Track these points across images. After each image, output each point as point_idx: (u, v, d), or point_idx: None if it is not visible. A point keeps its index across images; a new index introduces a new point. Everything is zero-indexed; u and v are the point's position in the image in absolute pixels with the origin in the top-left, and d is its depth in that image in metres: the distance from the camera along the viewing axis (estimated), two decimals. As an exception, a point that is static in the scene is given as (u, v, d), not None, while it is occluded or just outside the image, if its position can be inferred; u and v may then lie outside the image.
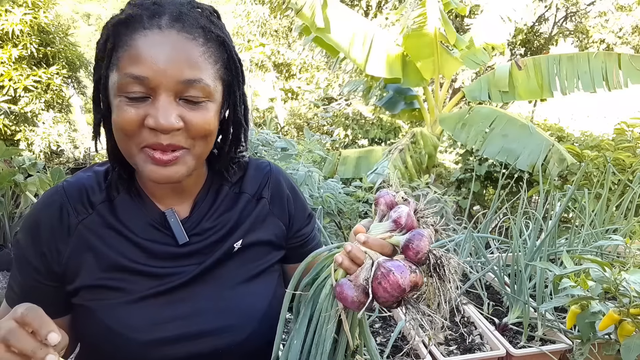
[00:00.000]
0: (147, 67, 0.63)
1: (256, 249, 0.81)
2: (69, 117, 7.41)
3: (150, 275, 0.73)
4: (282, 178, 0.88)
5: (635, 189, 2.17)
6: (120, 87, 0.64)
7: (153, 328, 0.72)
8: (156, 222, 0.76)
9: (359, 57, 4.76)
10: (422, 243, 0.61)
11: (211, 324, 0.74)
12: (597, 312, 1.25)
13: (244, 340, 0.76)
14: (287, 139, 2.59)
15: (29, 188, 4.21)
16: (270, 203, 0.85)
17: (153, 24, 0.65)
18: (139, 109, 0.65)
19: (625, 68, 4.16)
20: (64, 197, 0.73)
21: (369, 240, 0.64)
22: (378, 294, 0.59)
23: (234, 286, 0.77)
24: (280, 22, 10.51)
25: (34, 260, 0.72)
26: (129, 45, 0.64)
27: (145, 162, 0.67)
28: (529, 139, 3.94)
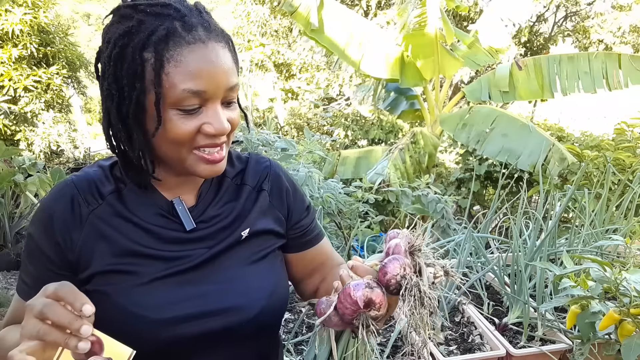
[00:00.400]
0: (204, 82, 0.68)
1: (262, 237, 0.85)
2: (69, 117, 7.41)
3: (161, 258, 0.77)
4: (281, 172, 0.93)
5: (635, 189, 2.17)
6: (177, 102, 0.68)
7: (166, 307, 0.75)
8: (164, 210, 0.79)
9: (354, 57, 4.77)
10: (392, 266, 0.66)
11: (222, 303, 0.78)
12: (597, 312, 1.25)
13: (254, 318, 0.79)
14: (287, 139, 2.59)
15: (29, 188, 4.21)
16: (270, 195, 0.89)
17: (195, 37, 0.68)
18: (194, 119, 0.70)
19: (626, 68, 4.16)
20: (74, 189, 0.77)
21: (354, 265, 0.73)
22: (338, 307, 0.67)
23: (241, 268, 0.82)
24: (281, 22, 10.51)
25: (48, 250, 0.74)
26: (178, 61, 0.67)
27: (198, 162, 0.73)
28: (529, 139, 3.94)
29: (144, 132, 0.71)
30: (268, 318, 0.82)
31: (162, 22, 0.68)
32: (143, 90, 0.69)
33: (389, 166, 4.04)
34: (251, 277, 0.82)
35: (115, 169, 0.80)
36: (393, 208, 4.25)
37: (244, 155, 0.91)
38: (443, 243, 2.06)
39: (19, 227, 4.23)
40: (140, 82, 0.68)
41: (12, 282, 3.98)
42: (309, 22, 4.51)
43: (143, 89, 0.69)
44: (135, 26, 0.68)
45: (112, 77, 0.70)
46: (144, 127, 0.71)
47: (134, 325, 0.73)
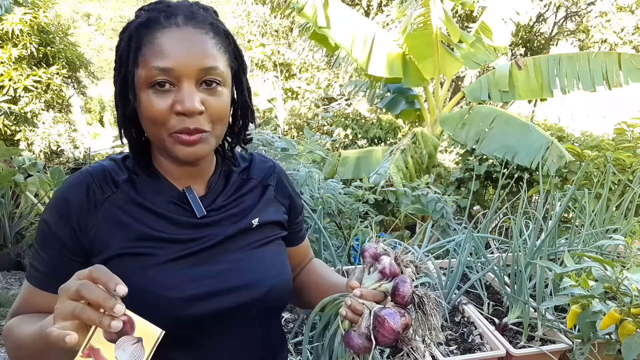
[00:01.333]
0: (171, 60, 0.73)
1: (269, 227, 0.91)
2: (69, 117, 7.41)
3: (175, 241, 0.80)
4: (282, 173, 1.00)
5: (635, 189, 2.17)
6: (147, 80, 0.73)
7: (183, 286, 0.78)
8: (175, 199, 0.84)
9: (360, 58, 4.77)
10: (406, 288, 0.75)
11: (235, 281, 0.82)
12: (597, 312, 1.25)
13: (265, 295, 0.84)
14: (288, 139, 2.59)
15: (29, 188, 4.21)
16: (275, 190, 0.96)
17: (170, 22, 0.75)
18: (167, 98, 0.74)
19: (626, 67, 4.16)
20: (90, 178, 0.80)
21: (363, 292, 0.77)
22: (378, 339, 0.73)
23: (251, 249, 0.87)
24: (281, 22, 10.51)
25: (62, 235, 0.77)
26: (151, 42, 0.74)
27: (174, 144, 0.77)
28: (528, 136, 3.94)
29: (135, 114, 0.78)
30: (276, 296, 0.87)
31: (150, 13, 0.76)
32: (126, 73, 0.76)
33: (391, 168, 4.04)
34: (261, 257, 0.88)
35: (128, 161, 0.85)
36: (393, 208, 4.25)
37: (247, 154, 0.97)
38: (443, 243, 2.06)
39: (19, 227, 4.23)
40: (125, 66, 0.76)
41: (12, 282, 3.98)
42: (315, 20, 4.51)
43: (126, 72, 0.76)
44: (132, 20, 0.78)
45: (117, 68, 0.78)
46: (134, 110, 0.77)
47: (150, 304, 0.75)
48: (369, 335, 0.73)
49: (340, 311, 0.78)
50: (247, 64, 0.88)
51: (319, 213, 1.86)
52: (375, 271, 0.80)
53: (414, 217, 3.43)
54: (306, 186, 2.23)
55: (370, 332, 0.73)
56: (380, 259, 0.80)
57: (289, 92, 10.72)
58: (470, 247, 1.85)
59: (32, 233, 4.12)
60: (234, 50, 0.83)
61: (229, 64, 0.81)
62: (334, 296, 0.86)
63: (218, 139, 0.81)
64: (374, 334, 0.72)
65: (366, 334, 0.73)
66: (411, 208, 2.74)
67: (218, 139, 0.81)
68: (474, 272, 1.92)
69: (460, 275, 1.75)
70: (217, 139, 0.80)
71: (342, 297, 0.83)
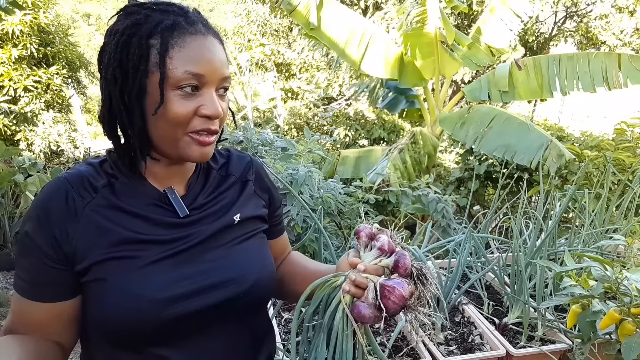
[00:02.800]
0: (202, 66, 0.76)
1: (250, 221, 0.93)
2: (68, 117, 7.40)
3: (158, 242, 0.81)
4: (261, 169, 1.02)
5: (635, 189, 2.17)
6: (177, 82, 0.75)
7: (166, 286, 0.78)
8: (157, 200, 0.84)
9: (354, 56, 4.76)
10: (407, 261, 0.81)
11: (217, 278, 0.83)
12: (597, 312, 1.25)
13: (249, 289, 0.86)
14: (287, 139, 2.59)
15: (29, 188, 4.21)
16: (254, 185, 0.98)
17: (196, 29, 0.78)
18: (192, 101, 0.77)
19: (625, 68, 4.16)
20: (68, 185, 0.79)
21: (367, 267, 0.82)
22: (388, 307, 0.77)
23: (233, 246, 0.88)
24: (281, 22, 10.50)
25: (44, 245, 0.76)
26: (181, 46, 0.76)
27: (190, 144, 0.79)
28: (527, 135, 3.93)
29: (143, 112, 0.77)
30: (260, 290, 0.89)
31: (167, 16, 0.77)
32: (146, 72, 0.76)
33: (388, 166, 4.04)
34: (243, 253, 0.89)
35: (105, 165, 0.84)
36: (393, 208, 4.25)
37: (224, 150, 1.00)
38: (443, 243, 2.06)
39: (19, 227, 4.22)
40: (145, 65, 0.75)
41: (12, 282, 3.98)
42: (308, 21, 4.51)
43: (146, 71, 0.76)
44: (142, 18, 0.77)
45: (118, 62, 0.76)
46: (143, 108, 0.77)
47: (135, 306, 0.76)
48: (377, 304, 0.77)
49: (344, 286, 0.81)
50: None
51: (319, 213, 1.86)
52: (374, 248, 0.85)
53: (414, 217, 3.43)
54: (305, 185, 2.23)
55: (378, 302, 0.77)
56: (377, 237, 0.86)
57: (289, 92, 10.71)
58: (470, 247, 1.85)
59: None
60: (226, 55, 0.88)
61: None
62: (324, 278, 0.88)
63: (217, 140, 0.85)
64: (383, 303, 0.77)
65: (374, 304, 0.78)
66: (411, 208, 2.74)
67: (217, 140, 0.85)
68: (474, 272, 1.92)
69: (460, 275, 1.75)
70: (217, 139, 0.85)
71: (334, 278, 0.86)
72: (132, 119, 0.78)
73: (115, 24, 0.79)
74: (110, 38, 0.78)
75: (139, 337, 0.78)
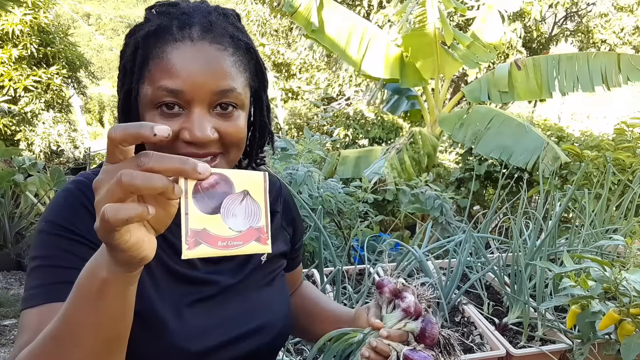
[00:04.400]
0: (182, 81, 0.63)
1: (274, 260, 0.85)
2: (69, 117, 7.41)
3: (189, 281, 0.73)
4: (289, 196, 0.93)
5: (635, 189, 2.17)
6: (154, 100, 0.64)
7: (198, 337, 0.71)
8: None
9: (354, 57, 4.76)
10: (435, 330, 0.73)
11: (245, 328, 0.76)
12: (597, 312, 1.25)
13: (274, 338, 0.80)
14: (287, 139, 2.59)
15: (29, 188, 4.21)
16: (281, 218, 0.89)
17: (184, 35, 0.65)
18: (174, 123, 0.64)
19: (625, 67, 4.16)
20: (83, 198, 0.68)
21: (390, 333, 0.72)
22: None
23: (259, 290, 0.81)
24: (281, 22, 10.51)
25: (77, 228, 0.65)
26: (160, 57, 0.64)
27: None
28: (524, 137, 3.94)
29: None
30: (284, 337, 0.84)
31: (161, 20, 0.66)
32: (130, 87, 0.67)
33: (385, 165, 4.04)
34: (270, 297, 0.82)
35: None
36: (393, 208, 4.25)
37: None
38: (443, 243, 2.06)
39: (19, 227, 4.23)
40: (129, 80, 0.67)
41: (12, 282, 3.98)
42: (309, 22, 4.51)
43: (130, 86, 0.67)
44: (140, 24, 0.68)
45: (122, 74, 0.70)
46: None
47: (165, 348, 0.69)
48: None
49: (363, 352, 0.73)
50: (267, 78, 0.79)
51: (319, 212, 1.86)
52: (397, 309, 0.76)
53: (414, 217, 3.43)
54: (305, 185, 2.23)
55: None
56: (403, 297, 0.76)
57: (288, 92, 10.72)
58: (470, 247, 1.85)
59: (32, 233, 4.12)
60: (255, 66, 0.73)
61: (249, 82, 0.71)
62: (340, 331, 0.80)
63: (232, 163, 0.72)
64: None
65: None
66: (411, 207, 2.74)
67: (232, 163, 0.72)
68: (474, 272, 1.92)
69: (460, 275, 1.75)
70: (230, 163, 0.71)
71: (353, 333, 0.79)
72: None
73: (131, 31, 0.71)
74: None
75: None
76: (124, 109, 0.70)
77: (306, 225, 2.14)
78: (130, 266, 0.48)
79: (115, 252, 0.46)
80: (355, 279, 1.92)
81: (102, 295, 0.49)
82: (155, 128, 0.45)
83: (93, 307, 0.50)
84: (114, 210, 0.43)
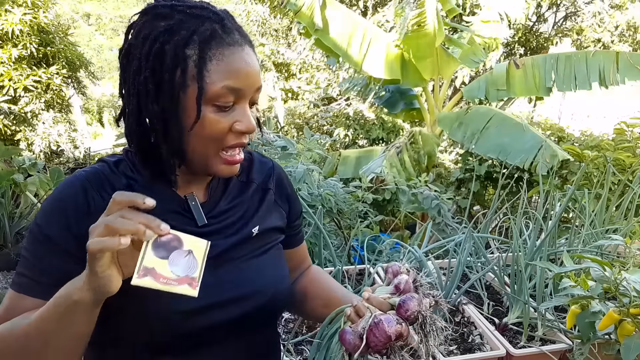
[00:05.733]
0: (241, 80, 0.73)
1: (268, 233, 0.90)
2: (69, 117, 7.41)
3: None
4: (283, 175, 0.98)
5: (635, 189, 2.17)
6: (215, 97, 0.72)
7: (184, 300, 0.74)
8: (177, 206, 0.81)
9: (356, 57, 4.76)
10: (412, 303, 0.77)
11: (234, 294, 0.81)
12: (597, 312, 1.25)
13: (266, 303, 0.85)
14: (287, 138, 2.60)
15: (29, 188, 4.21)
16: (275, 194, 0.94)
17: (233, 40, 0.74)
18: (227, 117, 0.74)
19: (623, 65, 4.16)
20: (87, 183, 0.76)
21: (370, 297, 0.80)
22: (369, 339, 0.75)
23: (252, 258, 0.86)
24: (280, 22, 10.51)
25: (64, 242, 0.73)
26: (219, 59, 0.72)
27: (219, 163, 0.78)
28: (522, 136, 3.94)
29: (179, 127, 0.73)
30: (277, 303, 0.88)
31: (203, 23, 0.72)
32: (182, 85, 0.71)
33: (384, 164, 4.04)
34: (261, 266, 0.87)
35: (123, 166, 0.80)
36: (393, 208, 4.25)
37: (246, 153, 0.93)
38: (443, 243, 2.06)
39: (19, 227, 4.23)
40: (182, 77, 0.71)
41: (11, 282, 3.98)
42: (312, 22, 4.51)
43: (183, 84, 0.71)
44: (176, 24, 0.72)
45: (150, 71, 0.71)
46: (180, 122, 0.73)
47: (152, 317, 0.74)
48: (362, 335, 0.75)
49: (346, 311, 0.81)
50: None
51: (319, 213, 1.86)
52: (390, 285, 0.84)
53: (414, 217, 3.43)
54: (305, 183, 2.23)
55: (364, 332, 0.75)
56: (398, 276, 0.84)
57: (288, 92, 10.72)
58: (470, 247, 1.85)
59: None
60: None
61: None
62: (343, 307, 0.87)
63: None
64: (366, 334, 0.75)
65: (360, 333, 0.76)
66: (410, 207, 2.74)
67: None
68: (474, 272, 1.92)
69: (460, 275, 1.75)
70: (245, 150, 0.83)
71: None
72: (169, 133, 0.73)
73: (144, 26, 0.73)
74: (138, 41, 0.72)
75: (153, 346, 0.76)
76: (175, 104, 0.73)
77: (307, 223, 2.14)
78: (98, 294, 0.64)
79: (93, 277, 0.63)
80: (355, 279, 1.92)
81: (72, 312, 0.66)
82: (146, 200, 0.64)
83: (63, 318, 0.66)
84: (95, 242, 0.61)
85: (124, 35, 0.76)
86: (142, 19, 0.74)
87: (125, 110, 0.76)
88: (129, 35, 0.75)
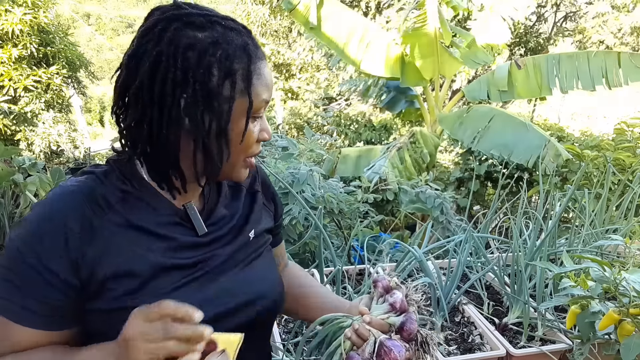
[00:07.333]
0: (270, 93, 0.77)
1: (262, 236, 0.93)
2: (69, 117, 7.41)
3: (180, 267, 0.77)
4: (265, 175, 1.01)
5: (635, 189, 2.17)
6: (257, 110, 0.75)
7: None
8: (175, 216, 0.79)
9: (354, 56, 4.76)
10: (413, 326, 0.80)
11: (237, 301, 0.81)
12: (597, 312, 1.25)
13: (271, 306, 0.87)
14: (288, 139, 2.60)
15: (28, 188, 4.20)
16: (262, 196, 0.96)
17: (262, 54, 0.77)
18: (256, 127, 0.78)
19: (625, 66, 4.15)
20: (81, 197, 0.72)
21: (372, 321, 0.81)
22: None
23: (250, 263, 0.87)
24: (281, 23, 10.50)
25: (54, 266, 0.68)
26: (258, 74, 0.74)
27: (243, 168, 0.80)
28: (525, 135, 3.93)
29: (227, 139, 0.74)
30: (279, 305, 0.90)
31: (240, 36, 0.74)
32: (231, 98, 0.72)
33: (386, 164, 4.04)
34: (261, 270, 0.88)
35: (112, 177, 0.76)
36: (393, 208, 4.25)
37: None
38: (443, 243, 2.06)
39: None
40: (231, 90, 0.71)
41: (12, 282, 3.98)
42: (307, 20, 4.51)
43: (231, 97, 0.72)
44: (221, 37, 0.70)
45: (200, 84, 0.69)
46: (227, 134, 0.73)
47: None
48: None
49: (346, 332, 0.82)
50: None
51: (319, 213, 1.86)
52: (385, 302, 0.85)
53: (414, 217, 3.43)
54: (307, 185, 2.23)
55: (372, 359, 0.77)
56: (392, 293, 0.86)
57: (289, 92, 10.72)
58: (470, 247, 1.85)
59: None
60: None
61: None
62: (335, 315, 0.88)
63: None
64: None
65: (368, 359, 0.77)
66: (411, 207, 2.74)
67: None
68: (474, 272, 1.92)
69: (460, 275, 1.75)
70: None
71: (343, 318, 0.87)
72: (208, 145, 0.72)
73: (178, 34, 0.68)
74: (178, 50, 0.68)
75: None
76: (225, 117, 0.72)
77: (308, 224, 2.14)
78: None
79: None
80: (355, 279, 1.92)
81: None
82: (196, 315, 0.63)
83: None
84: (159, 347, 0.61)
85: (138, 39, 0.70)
86: (171, 25, 0.69)
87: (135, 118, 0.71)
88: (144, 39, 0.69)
